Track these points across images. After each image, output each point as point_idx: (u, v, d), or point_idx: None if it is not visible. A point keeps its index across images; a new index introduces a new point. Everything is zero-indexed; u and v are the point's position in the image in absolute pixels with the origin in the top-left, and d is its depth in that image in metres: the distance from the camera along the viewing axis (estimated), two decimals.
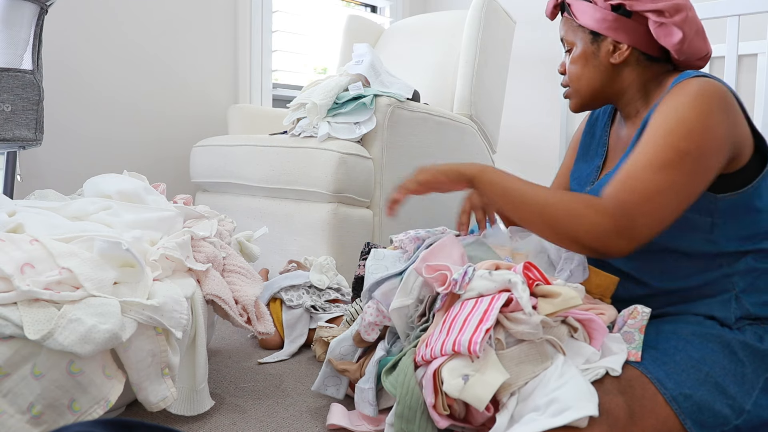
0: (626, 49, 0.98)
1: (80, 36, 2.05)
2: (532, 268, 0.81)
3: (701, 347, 0.84)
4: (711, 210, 0.90)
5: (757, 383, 0.83)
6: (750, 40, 2.42)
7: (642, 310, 0.83)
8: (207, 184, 1.99)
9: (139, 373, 0.88)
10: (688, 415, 0.77)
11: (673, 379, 0.79)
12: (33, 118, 1.45)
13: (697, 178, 0.86)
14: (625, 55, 0.98)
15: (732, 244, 0.91)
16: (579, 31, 1.01)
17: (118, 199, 1.14)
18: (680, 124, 0.87)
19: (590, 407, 0.68)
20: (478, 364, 0.73)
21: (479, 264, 0.87)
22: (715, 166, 0.87)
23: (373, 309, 0.97)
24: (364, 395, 0.93)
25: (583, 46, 1.01)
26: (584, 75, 1.02)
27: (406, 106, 1.74)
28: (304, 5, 2.78)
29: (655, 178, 0.85)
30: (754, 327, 0.88)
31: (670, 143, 0.86)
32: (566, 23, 1.04)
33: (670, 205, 0.85)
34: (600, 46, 0.99)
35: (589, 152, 1.15)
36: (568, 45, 1.04)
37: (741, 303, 0.89)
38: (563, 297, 0.76)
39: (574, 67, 1.03)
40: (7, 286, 0.79)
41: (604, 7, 0.97)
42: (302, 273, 1.49)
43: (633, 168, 0.87)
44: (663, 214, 0.85)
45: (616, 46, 0.98)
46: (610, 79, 1.01)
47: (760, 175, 0.91)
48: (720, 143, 0.86)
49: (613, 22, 0.97)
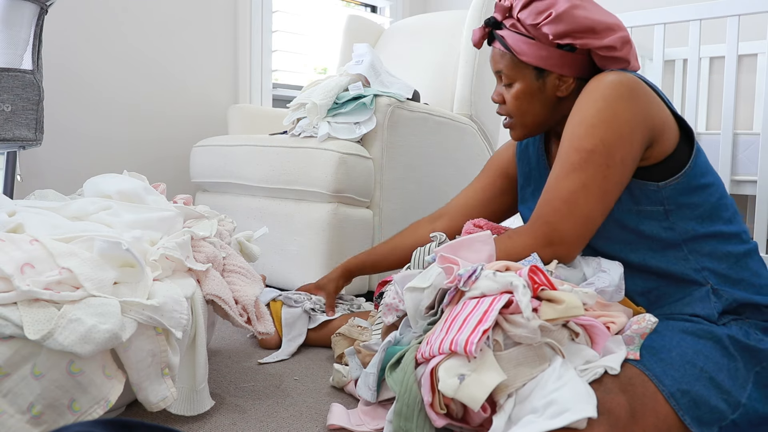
0: (572, 81, 1.00)
1: (80, 36, 2.05)
2: (538, 272, 0.81)
3: (694, 343, 0.84)
4: (660, 199, 0.93)
5: (749, 377, 0.83)
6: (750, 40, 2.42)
7: (649, 318, 0.84)
8: (207, 184, 1.99)
9: (139, 373, 0.88)
10: (687, 412, 0.77)
11: (669, 376, 0.79)
12: (33, 118, 1.45)
13: (611, 170, 0.89)
14: (571, 87, 1.01)
15: (690, 225, 0.93)
16: (520, 67, 1.01)
17: (118, 199, 1.14)
18: (581, 124, 0.91)
19: (589, 409, 0.68)
20: (475, 365, 0.73)
21: (490, 264, 0.87)
22: (630, 153, 0.90)
23: (392, 291, 0.97)
24: (367, 379, 0.94)
25: (528, 83, 1.01)
26: (530, 110, 1.03)
27: (406, 106, 1.74)
28: (304, 5, 2.78)
29: (565, 184, 0.90)
30: (738, 323, 0.89)
31: (575, 147, 0.91)
32: (502, 57, 1.03)
33: (588, 203, 0.90)
34: (545, 81, 1.00)
35: (531, 179, 1.17)
36: (507, 79, 1.03)
37: (719, 295, 0.91)
38: (566, 305, 0.75)
39: (518, 103, 1.02)
40: (7, 286, 0.79)
41: (549, 44, 0.97)
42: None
43: (549, 182, 0.93)
44: (585, 213, 0.90)
45: (562, 79, 1.00)
46: (554, 109, 1.03)
47: (692, 155, 0.94)
48: (629, 130, 0.89)
49: (559, 59, 0.98)
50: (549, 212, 0.91)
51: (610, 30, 0.96)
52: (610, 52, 0.96)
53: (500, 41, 1.02)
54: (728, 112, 1.99)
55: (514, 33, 1.00)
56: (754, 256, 0.95)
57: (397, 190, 1.76)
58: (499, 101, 1.07)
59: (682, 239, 0.93)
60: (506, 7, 1.01)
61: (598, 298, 0.87)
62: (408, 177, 1.80)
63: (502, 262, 0.88)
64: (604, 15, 0.98)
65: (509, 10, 1.00)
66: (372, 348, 1.04)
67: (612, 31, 0.96)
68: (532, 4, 0.97)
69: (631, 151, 0.90)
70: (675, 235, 0.93)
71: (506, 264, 0.87)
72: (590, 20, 0.95)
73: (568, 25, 0.95)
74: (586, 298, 0.82)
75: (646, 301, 0.96)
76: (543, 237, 0.91)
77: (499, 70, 1.04)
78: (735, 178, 2.04)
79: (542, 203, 0.93)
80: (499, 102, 1.07)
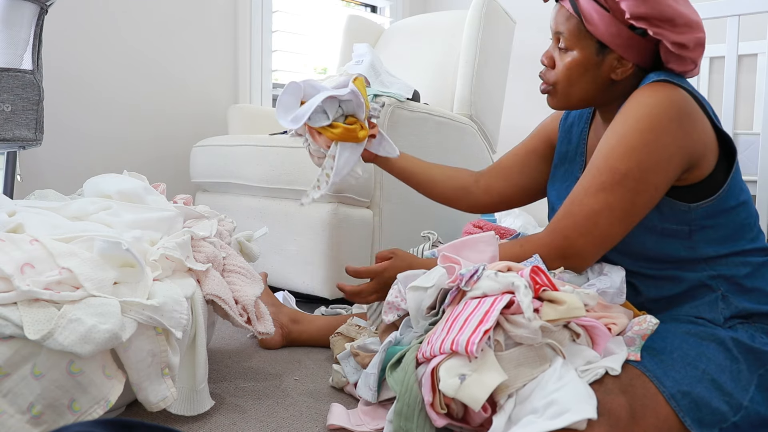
0: (630, 66, 0.94)
1: (80, 36, 2.05)
2: (540, 272, 0.81)
3: (696, 345, 0.84)
4: (688, 220, 0.91)
5: (752, 380, 0.83)
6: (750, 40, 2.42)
7: (650, 320, 0.84)
8: (207, 184, 1.99)
9: (139, 373, 0.88)
10: (687, 413, 0.77)
11: (670, 377, 0.79)
12: (33, 118, 1.45)
13: (640, 197, 0.87)
14: (628, 73, 0.94)
15: (711, 248, 0.91)
16: (583, 36, 0.93)
17: (118, 199, 1.14)
18: (621, 142, 0.87)
19: (589, 410, 0.68)
20: (476, 365, 0.73)
21: (491, 264, 0.87)
22: (663, 181, 0.87)
23: (395, 290, 0.97)
24: (367, 379, 0.94)
25: (586, 54, 0.94)
26: (579, 82, 0.96)
27: (406, 106, 1.74)
28: (304, 5, 2.78)
29: (591, 201, 0.88)
30: (744, 326, 0.88)
31: (609, 165, 0.87)
32: (568, 19, 0.94)
33: (610, 225, 0.88)
34: (605, 58, 0.94)
35: (566, 161, 1.11)
36: (565, 43, 0.95)
37: (728, 302, 0.90)
38: (568, 306, 0.75)
39: (569, 72, 0.96)
40: (7, 286, 0.79)
41: (622, 22, 0.90)
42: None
43: (575, 193, 0.90)
44: (604, 234, 0.88)
45: (621, 61, 0.93)
46: (604, 91, 0.97)
47: (729, 177, 0.90)
48: (667, 158, 0.86)
49: (626, 40, 0.91)
50: (569, 226, 0.89)
51: (689, 27, 0.89)
52: (680, 50, 0.89)
53: (572, 2, 0.93)
54: (728, 112, 1.99)
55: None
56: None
57: (397, 190, 1.76)
58: (549, 65, 0.99)
59: (702, 258, 0.91)
60: None
61: (599, 299, 0.87)
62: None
63: (504, 262, 0.88)
64: (688, 9, 0.90)
65: None
66: (368, 348, 1.04)
67: (690, 28, 0.89)
68: None
69: (666, 178, 0.86)
70: (695, 253, 0.91)
71: (508, 264, 0.87)
72: (673, 10, 0.87)
73: (650, 8, 0.87)
74: (588, 299, 0.82)
75: (657, 306, 0.95)
76: (558, 249, 0.90)
77: (560, 31, 0.95)
78: None
79: (564, 214, 0.90)
80: (548, 66, 0.99)
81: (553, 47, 0.99)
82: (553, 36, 0.99)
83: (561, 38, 0.96)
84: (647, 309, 0.95)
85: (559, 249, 0.90)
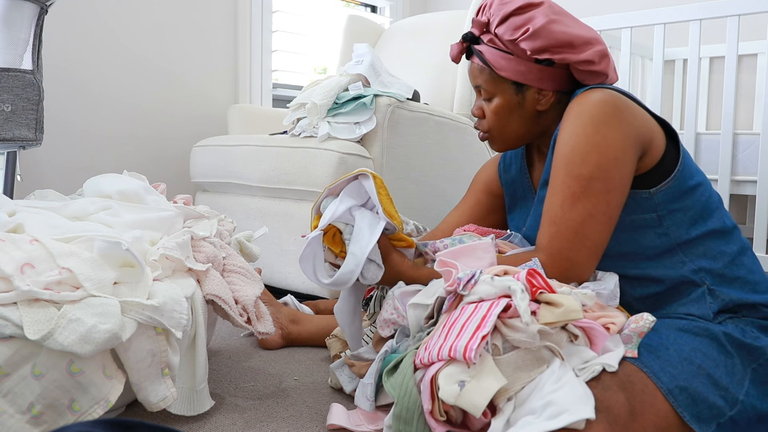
0: (552, 95, 1.00)
1: (80, 36, 2.05)
2: (536, 275, 0.81)
3: (690, 341, 0.84)
4: (652, 206, 0.93)
5: (746, 375, 0.83)
6: (750, 40, 2.42)
7: (647, 318, 0.84)
8: (207, 184, 1.99)
9: (139, 373, 0.88)
10: (685, 408, 0.77)
11: (667, 373, 0.79)
12: (33, 118, 1.45)
13: (612, 195, 0.89)
14: (551, 101, 1.01)
15: (683, 229, 0.93)
16: (498, 82, 1.00)
17: (118, 199, 1.14)
18: (575, 150, 0.91)
19: (587, 410, 0.68)
20: (475, 370, 0.73)
21: (488, 269, 0.87)
22: (626, 174, 0.90)
23: (390, 306, 0.97)
24: (364, 390, 0.94)
25: (507, 98, 1.01)
26: (510, 125, 1.03)
27: (406, 106, 1.74)
28: (304, 5, 2.78)
29: (572, 215, 0.90)
30: (734, 321, 0.89)
31: (573, 175, 0.90)
32: (481, 72, 1.02)
33: (597, 231, 0.90)
34: (525, 95, 1.00)
35: (517, 201, 1.16)
36: (486, 93, 1.03)
37: (715, 295, 0.91)
38: (565, 308, 0.75)
39: (498, 117, 1.02)
40: (7, 286, 0.79)
41: (527, 59, 0.97)
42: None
43: (551, 211, 0.92)
44: (595, 241, 0.90)
45: (541, 93, 1.00)
46: (534, 124, 1.03)
47: (680, 158, 0.94)
48: (621, 151, 0.89)
49: (538, 73, 0.98)
50: (565, 246, 0.90)
51: (588, 44, 0.96)
52: (588, 66, 0.97)
53: (478, 56, 1.02)
54: (728, 112, 1.99)
55: (492, 48, 1.00)
56: (747, 252, 0.95)
57: (397, 190, 1.76)
58: (479, 115, 1.07)
59: (677, 243, 0.93)
60: (483, 22, 1.01)
61: (596, 299, 0.87)
62: (408, 177, 1.80)
63: (501, 266, 0.88)
64: (582, 29, 0.98)
65: (486, 25, 1.01)
66: (363, 357, 1.03)
67: (590, 45, 0.97)
68: (509, 19, 0.97)
69: (627, 171, 0.90)
70: (669, 240, 0.93)
71: (504, 268, 0.87)
72: (568, 35, 0.95)
73: (545, 40, 0.95)
74: (585, 299, 0.82)
75: (644, 305, 0.95)
76: (561, 272, 0.91)
77: (478, 84, 1.04)
78: (735, 178, 2.04)
79: (553, 235, 0.91)
80: (479, 116, 1.07)
81: (478, 99, 1.06)
82: (474, 90, 1.06)
83: (481, 90, 1.04)
84: (636, 310, 0.95)
85: (563, 271, 0.91)
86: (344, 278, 0.94)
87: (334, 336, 1.26)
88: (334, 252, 0.99)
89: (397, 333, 0.98)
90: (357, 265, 0.93)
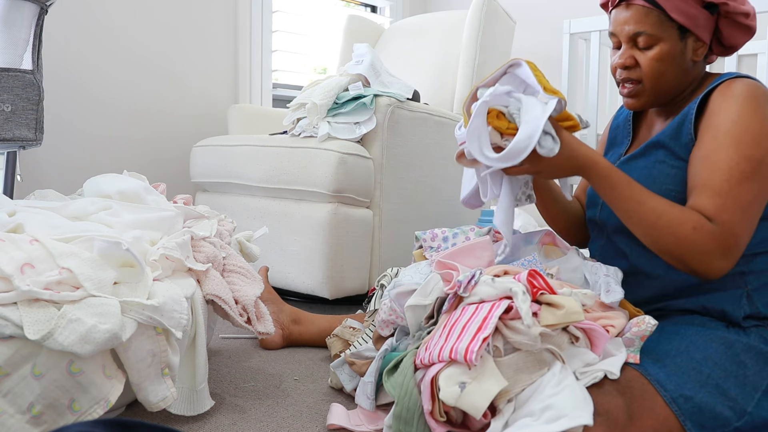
0: (705, 47, 0.96)
1: (80, 36, 2.05)
2: (537, 276, 0.81)
3: (704, 348, 0.84)
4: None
5: (761, 385, 0.83)
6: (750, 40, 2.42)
7: (649, 321, 0.83)
8: (207, 184, 1.99)
9: (139, 373, 0.88)
10: (688, 417, 0.77)
11: (673, 381, 0.79)
12: (33, 118, 1.45)
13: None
14: (705, 52, 0.96)
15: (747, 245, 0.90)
16: (666, 26, 0.93)
17: (118, 199, 1.14)
18: (746, 132, 0.86)
19: (585, 416, 0.68)
20: (475, 372, 0.73)
21: (488, 269, 0.87)
22: None
23: (386, 307, 0.97)
24: (365, 388, 0.94)
25: (672, 43, 0.94)
26: (669, 74, 0.96)
27: (406, 106, 1.74)
28: (304, 5, 2.78)
29: (739, 192, 0.84)
30: (760, 330, 0.88)
31: (744, 154, 0.85)
32: (646, 15, 0.93)
33: (757, 215, 0.86)
34: (686, 43, 0.95)
35: (613, 147, 1.13)
36: (648, 39, 0.94)
37: (752, 301, 0.90)
38: (566, 310, 0.75)
39: (659, 65, 0.95)
40: (7, 286, 0.79)
41: (698, 2, 0.92)
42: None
43: (715, 182, 0.86)
44: (754, 226, 0.86)
45: (698, 42, 0.95)
46: (687, 75, 0.98)
47: None
48: None
49: (703, 20, 0.93)
50: (734, 221, 0.84)
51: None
52: (746, 19, 0.93)
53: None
54: None
55: None
56: None
57: (397, 190, 1.76)
58: (631, 64, 0.97)
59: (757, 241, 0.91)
60: None
61: (596, 299, 0.87)
62: (408, 177, 1.80)
63: (501, 266, 0.88)
64: None
65: None
66: (363, 356, 1.03)
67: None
68: None
69: None
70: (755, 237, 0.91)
71: (504, 267, 0.86)
72: None
73: None
74: (585, 299, 0.82)
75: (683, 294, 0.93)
76: (727, 249, 0.84)
77: (639, 31, 0.94)
78: None
79: (719, 207, 0.85)
80: (630, 65, 0.97)
81: (626, 49, 0.98)
82: (623, 41, 0.97)
83: (640, 38, 0.95)
84: (673, 298, 0.93)
85: (725, 247, 0.83)
86: (521, 146, 0.84)
87: (334, 335, 1.26)
88: (500, 129, 0.89)
89: (396, 331, 0.98)
90: (535, 130, 0.83)
